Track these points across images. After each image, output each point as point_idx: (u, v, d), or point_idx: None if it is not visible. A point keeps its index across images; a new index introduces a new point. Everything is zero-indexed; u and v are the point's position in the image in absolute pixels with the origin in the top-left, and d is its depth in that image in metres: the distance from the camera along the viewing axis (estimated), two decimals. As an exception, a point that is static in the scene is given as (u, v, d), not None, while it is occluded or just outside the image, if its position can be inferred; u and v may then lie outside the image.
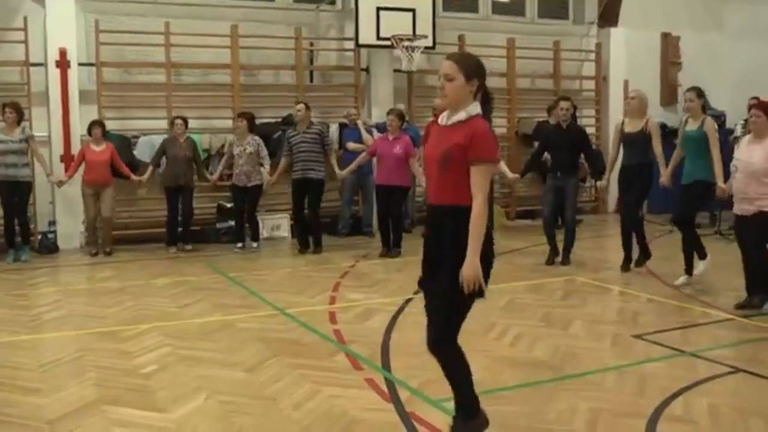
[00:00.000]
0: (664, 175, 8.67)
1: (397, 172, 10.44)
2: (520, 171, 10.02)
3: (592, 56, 15.29)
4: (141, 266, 10.00)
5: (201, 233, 11.64)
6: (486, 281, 3.91)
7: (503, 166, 9.77)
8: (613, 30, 15.14)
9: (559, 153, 9.68)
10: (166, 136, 11.50)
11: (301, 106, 10.90)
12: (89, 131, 10.82)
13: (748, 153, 7.21)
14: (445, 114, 4.05)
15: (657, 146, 8.87)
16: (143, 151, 11.50)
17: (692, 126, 8.26)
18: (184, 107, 11.85)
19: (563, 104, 9.70)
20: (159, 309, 7.62)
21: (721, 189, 7.78)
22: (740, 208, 7.29)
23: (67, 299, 8.19)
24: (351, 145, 11.83)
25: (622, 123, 9.15)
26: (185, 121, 11.13)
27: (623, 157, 9.12)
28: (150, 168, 11.15)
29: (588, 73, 15.43)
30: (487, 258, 3.90)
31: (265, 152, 11.13)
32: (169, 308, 7.65)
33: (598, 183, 9.66)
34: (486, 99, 4.02)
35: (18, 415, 4.79)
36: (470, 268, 3.78)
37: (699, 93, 8.31)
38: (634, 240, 9.24)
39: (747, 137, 7.38)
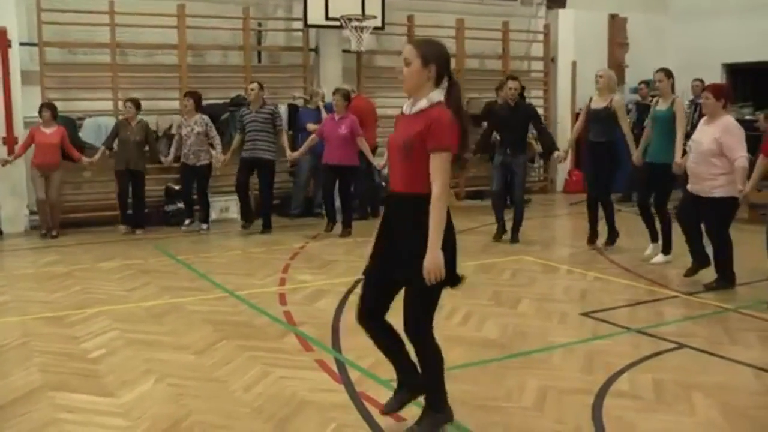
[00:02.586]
0: (635, 156, 8.85)
1: (343, 152, 10.49)
2: (471, 151, 10.08)
3: (541, 37, 15.38)
4: (87, 250, 9.85)
5: (149, 215, 11.49)
6: (453, 267, 3.89)
7: None
8: (561, 11, 15.26)
9: (508, 131, 9.83)
10: (112, 117, 11.38)
11: (254, 85, 10.85)
12: (40, 113, 10.62)
13: (700, 134, 7.38)
14: (408, 102, 4.00)
15: (623, 124, 9.07)
16: (89, 133, 11.30)
17: (662, 106, 8.43)
18: (131, 88, 11.66)
19: (511, 83, 9.82)
20: (106, 293, 7.52)
21: (677, 164, 7.93)
22: (694, 187, 7.45)
23: (12, 284, 8.03)
24: (311, 126, 11.73)
25: (590, 100, 9.28)
26: (136, 103, 10.95)
27: (590, 133, 9.27)
28: (101, 150, 10.99)
29: (536, 53, 15.53)
30: (450, 245, 3.86)
31: (213, 132, 11.03)
32: (116, 292, 7.55)
33: (555, 155, 9.83)
34: (452, 86, 3.92)
35: (-38, 402, 4.71)
36: (431, 259, 3.72)
37: (668, 73, 8.47)
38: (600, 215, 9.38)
39: (703, 119, 7.52)
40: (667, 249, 8.50)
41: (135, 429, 4.29)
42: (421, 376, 4.12)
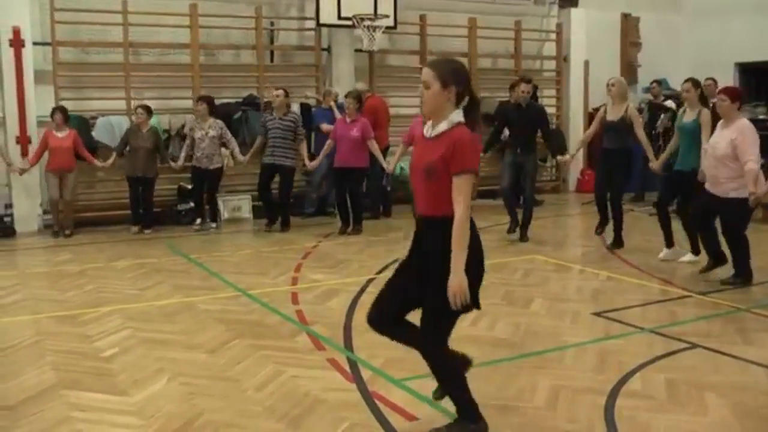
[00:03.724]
0: (656, 162, 8.84)
1: (354, 154, 10.57)
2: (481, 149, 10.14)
3: (553, 36, 15.35)
4: (100, 249, 9.88)
5: (161, 215, 11.52)
6: (477, 290, 3.85)
7: None
8: (573, 10, 15.21)
9: (518, 131, 9.91)
10: (125, 116, 11.43)
11: (280, 92, 10.92)
12: (52, 116, 10.67)
13: (716, 137, 7.40)
14: (429, 124, 3.93)
15: (640, 133, 9.04)
16: (102, 132, 11.34)
17: (689, 117, 8.35)
18: (143, 87, 11.71)
19: (524, 86, 9.87)
20: (119, 292, 7.54)
21: (701, 173, 7.86)
22: (712, 189, 7.47)
23: (25, 283, 8.06)
24: (325, 127, 11.76)
25: (604, 111, 9.26)
26: (147, 109, 10.98)
27: (604, 140, 9.28)
28: (113, 156, 11.05)
29: (549, 53, 15.50)
30: (475, 267, 3.81)
31: (229, 135, 11.12)
32: (129, 291, 7.58)
33: (560, 158, 9.94)
34: (472, 105, 3.88)
35: (-24, 400, 4.74)
36: (455, 282, 3.68)
37: (695, 83, 8.38)
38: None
39: (720, 122, 7.50)
40: (696, 249, 8.46)
41: (147, 428, 4.30)
42: (443, 388, 4.14)
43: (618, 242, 9.33)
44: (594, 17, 15.27)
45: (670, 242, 8.64)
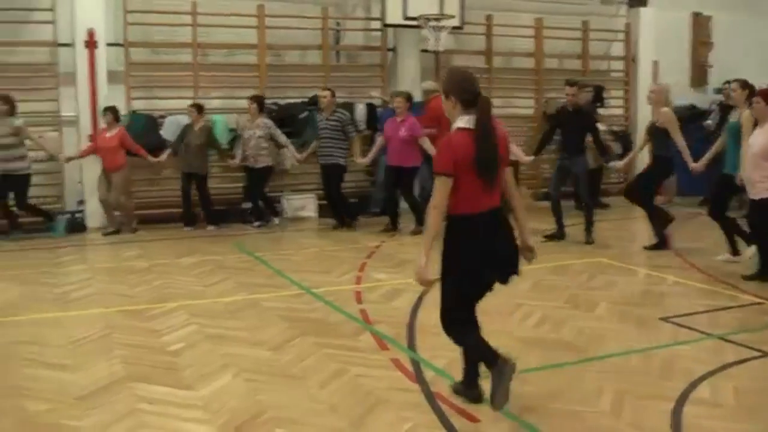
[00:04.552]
0: (699, 162, 8.81)
1: (404, 153, 10.60)
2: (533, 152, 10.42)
3: (621, 36, 15.12)
4: (167, 245, 10.07)
5: (226, 213, 11.68)
6: (478, 275, 4.27)
7: (516, 149, 9.88)
8: (642, 9, 14.96)
9: (566, 135, 10.00)
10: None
11: (326, 93, 11.06)
12: (103, 115, 10.96)
13: (753, 137, 7.46)
14: None
15: (677, 138, 9.01)
16: (169, 130, 11.53)
17: (734, 118, 8.27)
18: (210, 87, 11.88)
19: (568, 89, 9.98)
20: (185, 288, 7.67)
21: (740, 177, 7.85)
22: (749, 192, 7.57)
23: (95, 277, 8.26)
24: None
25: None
26: (198, 107, 11.19)
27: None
28: (166, 152, 11.28)
29: (616, 53, 15.27)
30: (455, 257, 4.24)
31: (278, 133, 11.28)
32: (195, 287, 7.70)
33: (612, 164, 10.00)
34: (483, 105, 4.22)
35: (48, 390, 4.85)
36: (417, 267, 4.18)
37: (742, 84, 8.31)
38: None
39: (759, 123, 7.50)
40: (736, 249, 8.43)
41: (213, 422, 4.36)
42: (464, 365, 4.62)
43: (660, 244, 9.34)
44: (663, 16, 14.98)
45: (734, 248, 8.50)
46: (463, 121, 4.20)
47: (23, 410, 4.53)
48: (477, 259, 4.23)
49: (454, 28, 12.56)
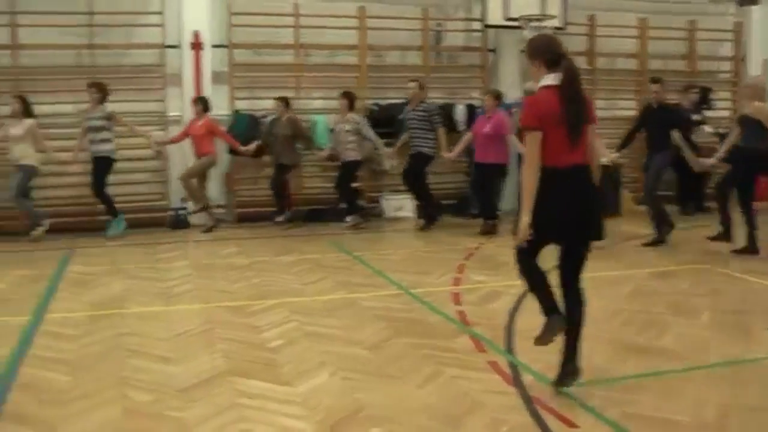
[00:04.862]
0: None
1: (489, 150, 10.58)
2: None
3: (730, 36, 14.63)
4: (265, 243, 10.23)
5: (323, 212, 11.79)
6: (540, 232, 4.43)
7: (603, 149, 9.70)
8: (754, 8, 14.43)
9: (651, 131, 9.90)
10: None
11: (414, 84, 11.13)
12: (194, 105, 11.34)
13: None
14: None
15: None
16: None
17: None
18: (312, 87, 12.01)
19: (653, 86, 9.89)
20: (284, 285, 7.77)
21: None
22: None
23: (196, 273, 8.45)
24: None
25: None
26: (284, 101, 11.41)
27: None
28: (255, 143, 11.49)
29: (724, 53, 14.78)
30: (542, 210, 4.40)
31: (366, 129, 11.35)
32: (294, 285, 7.79)
33: (702, 160, 9.73)
34: (567, 64, 4.42)
35: (151, 381, 4.97)
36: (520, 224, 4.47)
37: None
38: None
39: None
40: None
41: (310, 418, 4.38)
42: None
43: (750, 248, 9.13)
44: (776, 15, 14.45)
45: None
46: (549, 79, 4.41)
47: (129, 400, 4.66)
48: (552, 214, 4.39)
49: (556, 28, 12.35)
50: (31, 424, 4.32)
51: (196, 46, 11.50)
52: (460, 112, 12.30)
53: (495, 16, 12.26)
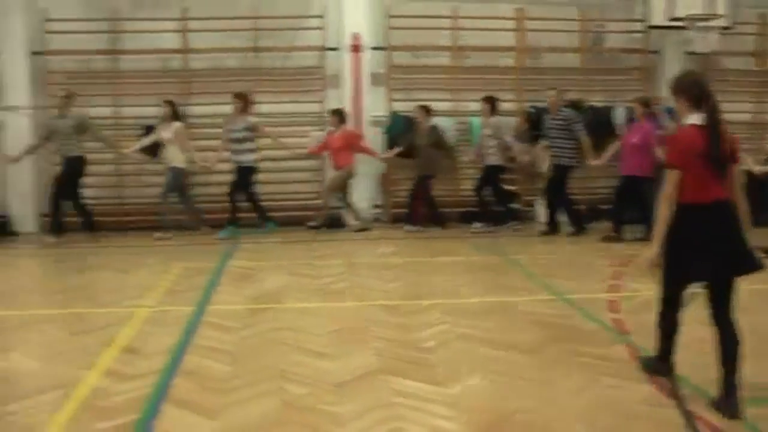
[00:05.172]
0: None
1: (632, 161, 10.27)
2: None
3: None
4: (421, 244, 10.31)
5: (479, 215, 11.76)
6: (691, 270, 4.51)
7: (749, 161, 9.23)
8: None
9: None
10: (449, 117, 11.85)
11: (551, 92, 10.93)
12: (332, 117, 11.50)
13: None
14: None
15: None
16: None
17: None
18: (467, 89, 12.01)
19: None
20: (438, 286, 7.80)
21: None
22: None
23: (352, 272, 8.61)
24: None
25: None
26: (424, 108, 11.40)
27: None
28: (395, 150, 11.66)
29: None
30: (673, 244, 4.54)
31: (502, 132, 11.28)
32: (447, 286, 7.81)
33: None
34: (712, 104, 4.49)
35: (307, 375, 5.10)
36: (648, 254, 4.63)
37: None
38: None
39: None
40: None
41: (461, 420, 4.38)
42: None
43: None
44: None
45: None
46: (694, 119, 4.52)
47: (286, 392, 4.80)
48: (692, 250, 4.49)
49: (723, 28, 11.89)
50: (195, 409, 4.52)
51: (356, 48, 11.73)
52: (619, 116, 11.98)
53: (658, 17, 11.88)
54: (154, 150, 11.16)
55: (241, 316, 6.66)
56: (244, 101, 10.99)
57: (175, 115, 10.96)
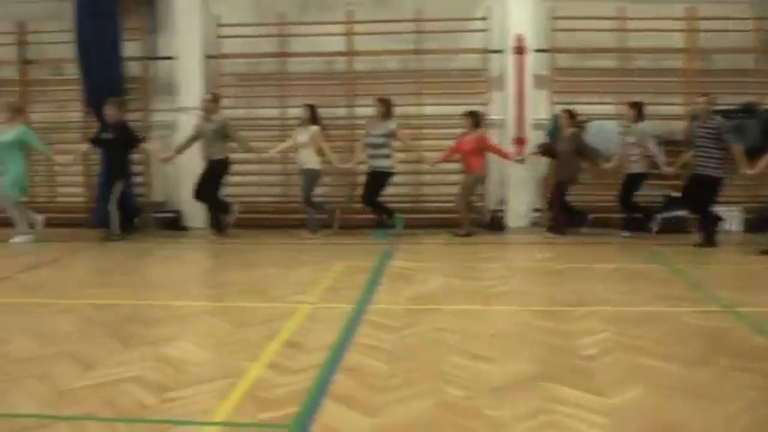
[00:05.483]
0: None
1: None
2: None
3: None
4: (582, 250, 10.16)
5: (641, 221, 11.46)
6: None
7: None
8: None
9: None
10: (615, 120, 11.59)
11: (703, 99, 10.42)
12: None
13: None
14: None
15: None
16: (595, 136, 11.54)
17: None
18: (633, 92, 11.69)
19: None
20: (600, 293, 7.67)
21: None
22: None
23: (513, 275, 8.60)
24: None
25: None
26: (567, 113, 11.25)
27: None
28: (528, 152, 11.69)
29: None
30: None
31: (646, 140, 10.90)
32: (609, 294, 7.65)
33: None
34: None
35: (466, 378, 5.14)
36: None
37: None
38: None
39: None
40: None
41: (621, 431, 4.31)
42: None
43: None
44: None
45: None
46: None
47: (444, 393, 4.86)
48: None
49: None
50: (353, 406, 4.64)
51: (519, 50, 11.67)
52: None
53: None
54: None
55: (400, 315, 6.77)
56: (386, 106, 11.11)
57: (314, 119, 11.24)
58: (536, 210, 12.05)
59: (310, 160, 11.26)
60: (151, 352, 5.74)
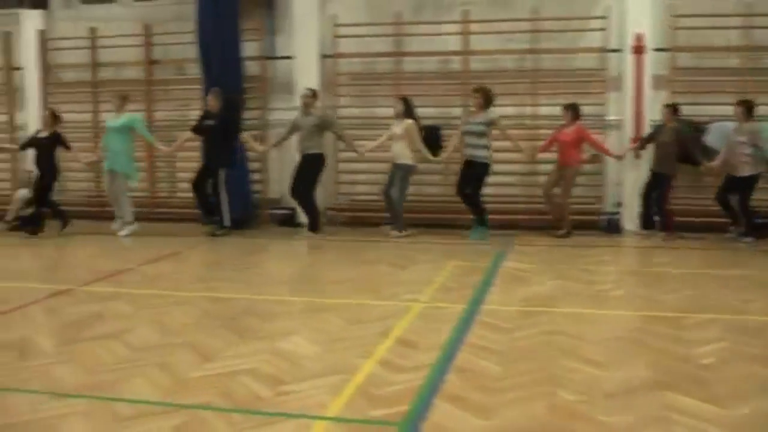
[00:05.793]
0: None
1: None
2: None
3: None
4: (699, 254, 9.89)
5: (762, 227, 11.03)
6: None
7: None
8: None
9: None
10: (736, 121, 11.18)
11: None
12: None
13: None
14: None
15: None
16: (715, 137, 11.14)
17: None
18: (759, 92, 11.24)
19: None
20: (720, 300, 7.43)
21: None
22: None
23: (627, 279, 8.45)
24: None
25: None
26: (670, 108, 10.95)
27: None
28: (627, 148, 11.48)
29: None
30: None
31: (759, 139, 10.43)
32: (730, 301, 7.40)
33: None
34: None
35: (579, 382, 5.08)
36: None
37: None
38: None
39: None
40: None
41: (743, 444, 4.19)
42: None
43: None
44: None
45: None
46: None
47: (557, 397, 4.81)
48: None
49: None
50: (464, 406, 4.64)
51: (638, 49, 11.41)
52: None
53: None
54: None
55: (513, 317, 6.74)
56: (485, 96, 11.01)
57: (409, 112, 11.25)
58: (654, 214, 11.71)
59: (403, 154, 11.28)
60: (266, 345, 5.89)
